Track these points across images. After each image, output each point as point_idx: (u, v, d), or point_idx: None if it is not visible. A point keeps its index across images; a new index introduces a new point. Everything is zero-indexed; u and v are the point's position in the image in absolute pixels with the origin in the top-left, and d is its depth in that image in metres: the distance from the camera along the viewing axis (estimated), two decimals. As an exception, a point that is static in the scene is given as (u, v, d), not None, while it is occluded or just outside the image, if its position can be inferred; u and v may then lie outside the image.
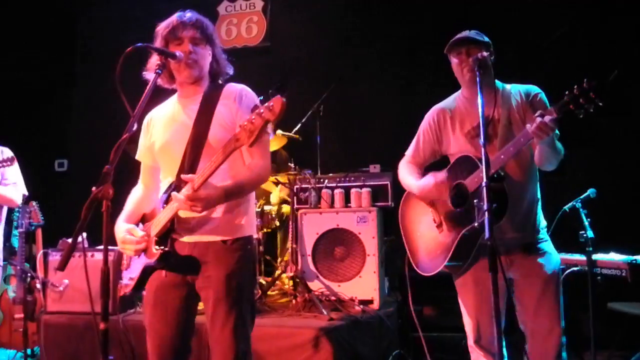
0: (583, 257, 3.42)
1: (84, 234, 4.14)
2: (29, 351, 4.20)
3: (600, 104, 2.13)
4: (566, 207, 3.63)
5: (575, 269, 3.51)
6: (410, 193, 2.86)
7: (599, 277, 3.38)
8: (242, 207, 2.31)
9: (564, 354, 2.53)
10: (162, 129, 2.40)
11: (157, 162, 2.44)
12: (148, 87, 2.10)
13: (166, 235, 2.20)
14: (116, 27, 6.55)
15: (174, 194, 2.04)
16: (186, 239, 2.26)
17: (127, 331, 3.62)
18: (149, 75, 2.30)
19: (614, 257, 3.42)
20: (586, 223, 3.43)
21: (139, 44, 2.10)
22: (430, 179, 2.63)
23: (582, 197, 3.59)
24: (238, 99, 2.30)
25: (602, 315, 3.57)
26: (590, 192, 3.57)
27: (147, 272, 2.26)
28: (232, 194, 2.15)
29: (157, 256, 2.16)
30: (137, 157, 2.52)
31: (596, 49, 4.85)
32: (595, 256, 3.40)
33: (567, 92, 2.19)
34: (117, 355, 3.59)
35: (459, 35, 2.63)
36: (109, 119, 1.97)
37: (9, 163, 3.69)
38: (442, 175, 2.59)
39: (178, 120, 2.35)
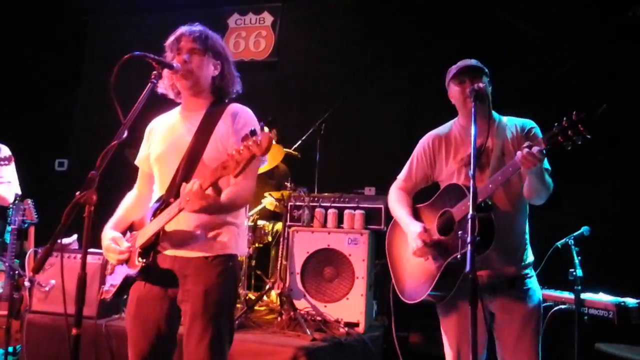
0: (571, 296, 3.39)
1: (75, 236, 4.19)
2: (10, 349, 4.19)
3: (589, 136, 2.12)
4: (558, 244, 3.62)
5: (563, 307, 3.48)
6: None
7: (585, 317, 3.35)
8: (227, 226, 2.29)
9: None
10: (159, 139, 2.40)
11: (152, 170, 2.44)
12: (141, 96, 2.09)
13: (150, 248, 2.20)
14: (126, 33, 6.66)
15: (186, 184, 1.98)
16: (168, 252, 2.25)
17: (109, 336, 3.61)
18: (161, 86, 2.34)
19: (603, 297, 3.39)
20: (577, 261, 3.42)
21: (136, 53, 2.10)
22: (419, 227, 2.59)
23: (575, 234, 3.58)
24: (233, 117, 2.30)
25: (588, 356, 3.52)
26: (584, 229, 3.56)
27: (128, 281, 2.25)
28: (223, 208, 2.16)
29: (138, 269, 2.17)
30: (135, 163, 2.53)
31: (601, 82, 4.87)
32: (583, 295, 3.37)
33: (556, 124, 2.19)
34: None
35: (462, 64, 2.64)
36: (111, 122, 1.98)
37: (6, 162, 3.71)
38: (426, 237, 2.55)
39: (176, 133, 2.36)
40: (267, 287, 4.32)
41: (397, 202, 2.82)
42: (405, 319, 4.26)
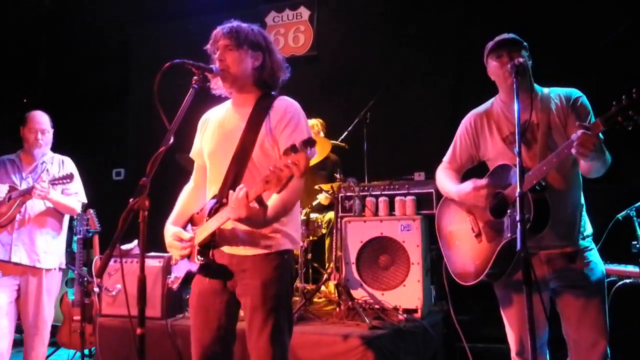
0: (636, 269, 3.29)
1: (136, 241, 4.36)
2: (86, 351, 4.44)
3: None
4: (619, 216, 3.51)
5: (627, 281, 3.37)
6: (446, 200, 2.82)
7: (653, 290, 3.24)
8: (281, 224, 2.31)
9: (609, 369, 2.43)
10: (210, 134, 2.46)
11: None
12: (184, 102, 2.15)
13: (208, 246, 2.27)
14: (168, 40, 6.84)
15: (231, 194, 2.05)
16: (225, 249, 2.32)
17: (175, 335, 3.73)
18: (213, 88, 2.40)
19: (670, 268, 3.27)
20: (639, 232, 3.30)
21: (176, 61, 2.16)
22: (469, 184, 2.57)
23: (637, 205, 3.47)
24: (274, 112, 2.33)
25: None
26: (646, 199, 3.44)
27: (189, 275, 2.35)
28: (271, 221, 2.18)
29: (198, 266, 2.26)
30: (190, 155, 2.60)
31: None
32: (649, 268, 3.26)
33: (615, 103, 2.08)
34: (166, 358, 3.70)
35: (499, 38, 2.58)
36: (163, 129, 2.05)
37: (68, 180, 3.89)
38: (482, 182, 2.53)
39: (226, 130, 2.40)
40: (324, 278, 4.36)
41: (445, 178, 2.79)
42: (467, 302, 4.21)
